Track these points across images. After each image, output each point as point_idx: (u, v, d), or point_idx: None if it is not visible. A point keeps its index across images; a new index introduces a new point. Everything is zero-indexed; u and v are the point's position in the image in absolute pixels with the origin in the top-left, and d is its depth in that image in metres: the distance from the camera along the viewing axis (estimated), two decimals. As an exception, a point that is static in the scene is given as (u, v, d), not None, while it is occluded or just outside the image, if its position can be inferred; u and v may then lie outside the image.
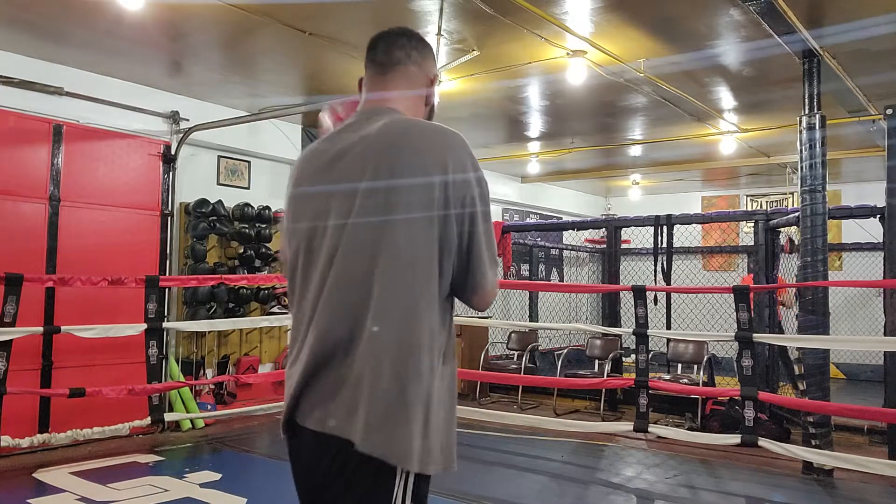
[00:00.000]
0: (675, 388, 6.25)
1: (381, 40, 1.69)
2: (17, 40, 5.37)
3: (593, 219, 11.07)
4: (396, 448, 1.39)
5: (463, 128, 8.26)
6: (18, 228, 5.43)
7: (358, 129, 1.57)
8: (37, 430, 5.20)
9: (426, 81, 1.69)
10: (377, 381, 1.40)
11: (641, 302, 5.78)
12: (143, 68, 5.97)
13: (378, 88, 1.66)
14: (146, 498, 4.21)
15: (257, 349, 7.33)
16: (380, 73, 1.67)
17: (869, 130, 7.06)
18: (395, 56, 1.65)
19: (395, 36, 1.68)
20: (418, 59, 1.67)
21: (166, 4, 4.61)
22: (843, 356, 9.79)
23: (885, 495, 4.66)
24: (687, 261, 9.40)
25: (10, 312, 4.76)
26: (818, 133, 4.97)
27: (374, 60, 1.68)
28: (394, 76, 1.65)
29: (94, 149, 5.91)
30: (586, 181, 11.49)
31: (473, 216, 1.49)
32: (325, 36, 5.18)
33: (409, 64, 1.65)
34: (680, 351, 7.20)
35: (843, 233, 10.29)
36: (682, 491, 4.73)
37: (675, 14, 4.75)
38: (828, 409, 4.94)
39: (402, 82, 1.65)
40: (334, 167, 1.55)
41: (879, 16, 4.62)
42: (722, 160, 9.21)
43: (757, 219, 6.69)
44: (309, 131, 7.90)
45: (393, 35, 1.69)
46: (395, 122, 1.55)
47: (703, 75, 5.97)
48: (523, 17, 4.69)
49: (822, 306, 4.99)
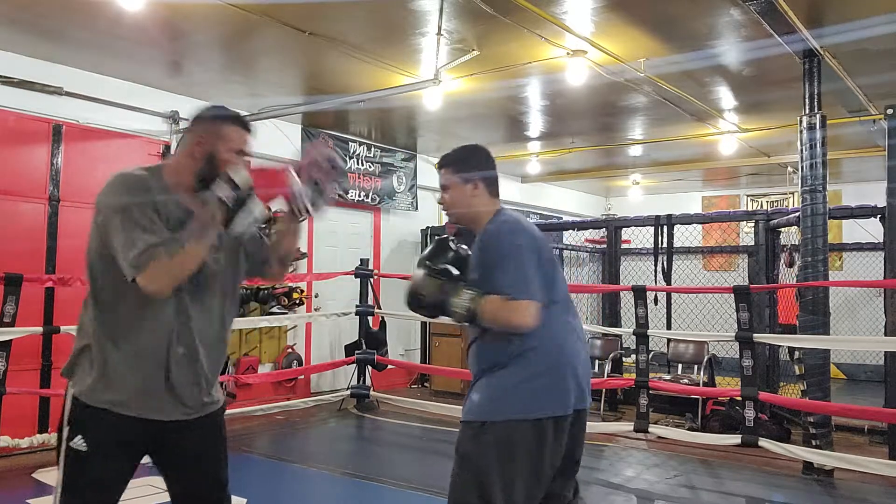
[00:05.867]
0: (676, 388, 6.25)
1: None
2: (17, 40, 5.36)
3: (593, 219, 11.06)
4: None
5: (463, 128, 8.29)
6: (18, 228, 5.43)
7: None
8: (37, 430, 5.19)
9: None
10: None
11: (642, 302, 5.78)
12: (143, 68, 5.96)
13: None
14: (146, 498, 4.20)
15: (257, 349, 7.32)
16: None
17: (869, 130, 7.05)
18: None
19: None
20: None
21: (166, 4, 4.61)
22: (843, 356, 9.78)
23: (885, 495, 4.66)
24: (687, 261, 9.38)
25: (10, 312, 4.76)
26: (818, 133, 4.97)
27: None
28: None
29: (93, 149, 5.90)
30: (586, 181, 11.49)
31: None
32: (325, 36, 5.17)
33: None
34: (680, 351, 7.19)
35: (843, 233, 10.28)
36: (682, 491, 4.73)
37: (675, 14, 4.75)
38: (828, 409, 4.93)
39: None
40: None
41: (879, 15, 4.61)
42: (722, 160, 9.20)
43: (757, 219, 6.68)
44: (309, 131, 7.90)
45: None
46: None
47: (704, 75, 5.97)
48: (523, 16, 4.69)
49: (822, 306, 4.98)
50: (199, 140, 2.04)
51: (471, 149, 2.54)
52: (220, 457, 2.15)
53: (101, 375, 1.95)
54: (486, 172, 2.44)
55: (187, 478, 2.11)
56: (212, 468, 2.13)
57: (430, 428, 6.39)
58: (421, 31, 5.07)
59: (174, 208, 1.98)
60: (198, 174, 2.00)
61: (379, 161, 8.83)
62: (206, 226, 1.90)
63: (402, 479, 4.80)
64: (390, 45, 5.40)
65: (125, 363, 1.95)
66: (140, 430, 1.97)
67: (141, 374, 1.96)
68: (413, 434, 6.40)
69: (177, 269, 1.88)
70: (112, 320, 1.96)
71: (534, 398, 2.15)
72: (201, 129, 2.06)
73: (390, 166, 8.99)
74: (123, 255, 1.87)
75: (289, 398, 7.19)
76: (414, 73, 5.92)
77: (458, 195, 2.42)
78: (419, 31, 5.09)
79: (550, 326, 2.21)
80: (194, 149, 2.03)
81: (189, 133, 2.08)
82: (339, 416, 7.00)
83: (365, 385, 7.27)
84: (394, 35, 5.20)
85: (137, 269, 1.84)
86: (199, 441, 2.09)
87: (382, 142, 8.81)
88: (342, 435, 6.54)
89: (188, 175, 2.02)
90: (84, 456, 1.92)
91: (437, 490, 2.06)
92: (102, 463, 1.94)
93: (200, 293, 2.04)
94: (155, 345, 1.97)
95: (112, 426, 1.94)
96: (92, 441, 1.93)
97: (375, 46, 5.42)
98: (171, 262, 1.86)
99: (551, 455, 2.18)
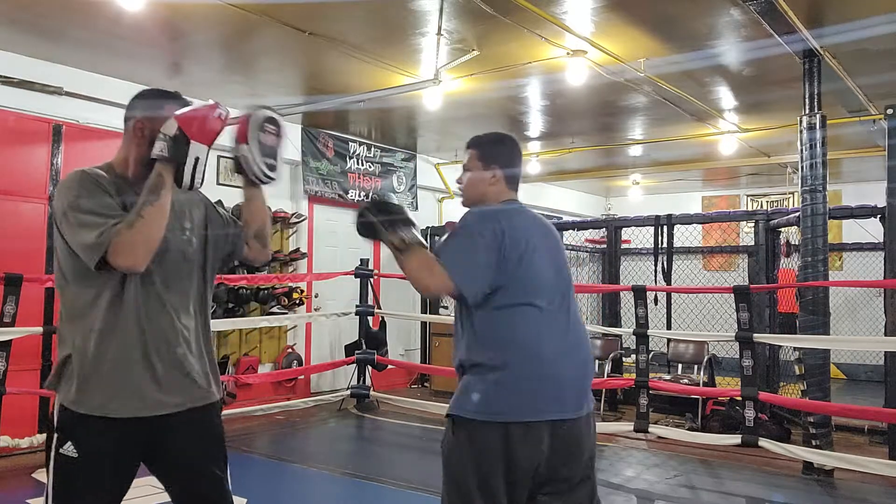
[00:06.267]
0: (676, 388, 6.25)
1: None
2: (17, 40, 5.36)
3: (593, 219, 11.05)
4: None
5: (463, 128, 8.28)
6: (18, 228, 5.42)
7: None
8: (37, 430, 5.19)
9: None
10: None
11: (642, 302, 5.78)
12: (143, 68, 5.95)
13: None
14: (146, 498, 4.19)
15: (257, 349, 7.33)
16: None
17: (869, 130, 7.05)
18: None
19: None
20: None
21: (166, 4, 4.60)
22: (843, 356, 9.78)
23: (885, 495, 4.66)
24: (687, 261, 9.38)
25: (10, 312, 4.75)
26: (818, 133, 4.97)
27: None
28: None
29: (93, 149, 5.89)
30: (586, 181, 11.49)
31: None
32: (325, 36, 5.17)
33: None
34: (680, 351, 7.19)
35: (843, 233, 10.28)
36: (682, 491, 4.73)
37: (675, 14, 4.75)
38: (828, 409, 4.93)
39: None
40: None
41: (879, 15, 4.61)
42: (722, 160, 9.20)
43: (757, 219, 6.68)
44: (309, 131, 7.91)
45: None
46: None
47: (704, 75, 5.97)
48: (523, 16, 4.69)
49: (822, 306, 4.99)
50: (137, 126, 1.99)
51: (502, 137, 2.44)
52: (217, 453, 2.11)
53: (83, 381, 1.92)
54: (510, 164, 2.35)
55: (185, 477, 2.08)
56: (208, 464, 2.08)
57: (430, 428, 6.38)
58: (421, 31, 5.07)
59: (130, 196, 1.94)
60: (143, 160, 1.96)
61: (379, 161, 8.83)
62: (157, 186, 1.87)
63: (402, 479, 4.80)
64: (390, 45, 5.40)
65: (106, 365, 1.92)
66: (131, 431, 1.94)
67: (122, 374, 1.93)
68: (413, 434, 6.40)
69: (142, 237, 1.84)
70: (85, 325, 1.93)
71: (498, 400, 2.06)
72: (138, 115, 2.01)
73: (390, 166, 8.99)
74: (83, 241, 1.84)
75: (289, 398, 7.19)
76: (414, 73, 5.92)
77: (475, 179, 2.34)
78: (419, 31, 5.09)
79: (527, 329, 2.11)
80: (136, 134, 1.99)
81: (127, 122, 2.03)
82: (339, 416, 7.00)
83: (365, 385, 7.27)
84: (394, 35, 5.20)
85: (101, 248, 1.81)
86: (194, 437, 2.05)
87: (382, 142, 8.81)
88: (342, 435, 6.54)
89: (136, 163, 1.99)
90: (74, 462, 1.90)
91: (437, 490, 2.06)
92: (93, 469, 1.92)
93: (174, 280, 2.01)
94: (133, 341, 1.94)
95: (100, 432, 1.91)
96: (82, 447, 1.91)
97: (375, 46, 5.43)
98: (133, 231, 1.82)
99: (525, 461, 2.06)
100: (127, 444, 1.96)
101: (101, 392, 1.92)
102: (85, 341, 1.93)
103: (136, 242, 1.83)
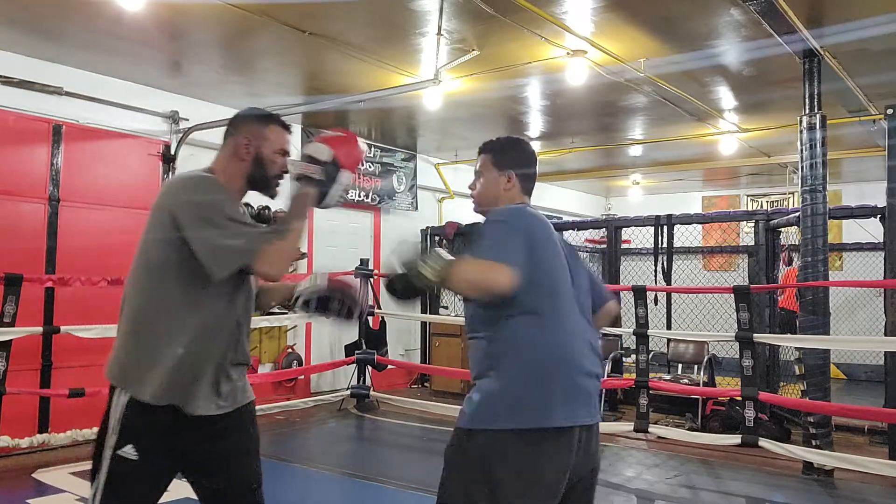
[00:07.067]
0: (676, 388, 6.25)
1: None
2: (17, 40, 5.36)
3: (593, 219, 11.06)
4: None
5: (463, 128, 8.27)
6: (18, 228, 5.42)
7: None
8: (36, 430, 5.19)
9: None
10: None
11: (642, 302, 5.78)
12: (143, 68, 5.96)
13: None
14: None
15: (257, 349, 7.32)
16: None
17: (869, 130, 7.05)
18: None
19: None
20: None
21: (166, 4, 4.61)
22: (843, 356, 9.78)
23: (885, 495, 4.66)
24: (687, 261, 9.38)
25: (10, 312, 4.76)
26: (818, 133, 4.96)
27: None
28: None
29: (93, 149, 5.90)
30: (586, 181, 11.49)
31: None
32: (325, 36, 5.17)
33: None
34: (680, 351, 7.19)
35: (843, 233, 10.28)
36: (682, 491, 4.73)
37: (675, 14, 4.75)
38: (828, 409, 4.93)
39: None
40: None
41: (879, 15, 4.62)
42: (722, 160, 9.20)
43: (757, 219, 6.68)
44: (309, 131, 7.90)
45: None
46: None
47: (704, 75, 5.97)
48: (523, 16, 4.69)
49: (822, 306, 4.98)
50: (244, 142, 2.07)
51: (516, 141, 2.41)
52: (253, 454, 2.17)
53: (165, 376, 1.94)
54: (525, 168, 2.31)
55: (222, 478, 2.09)
56: (245, 466, 2.14)
57: (430, 428, 6.38)
58: (421, 31, 5.07)
59: (237, 207, 2.05)
60: (248, 176, 2.07)
61: (379, 161, 8.83)
62: (305, 206, 1.99)
63: (402, 479, 4.80)
64: (390, 45, 5.40)
65: (192, 363, 1.97)
66: (190, 428, 1.98)
67: (203, 373, 1.99)
68: (413, 434, 6.40)
69: (289, 250, 1.95)
70: (177, 324, 1.97)
71: (519, 406, 1.94)
72: (245, 131, 2.09)
73: (390, 166, 8.99)
74: (229, 245, 1.89)
75: (289, 398, 7.19)
76: (414, 73, 5.92)
77: (489, 184, 2.28)
78: (419, 31, 5.09)
79: (543, 330, 2.00)
80: (241, 151, 2.07)
81: (232, 136, 2.11)
82: (339, 416, 7.00)
83: (365, 385, 7.27)
84: (394, 35, 5.20)
85: (250, 255, 1.89)
86: (234, 439, 2.09)
87: (382, 142, 8.81)
88: (342, 435, 6.53)
89: (238, 178, 2.08)
90: (132, 464, 1.92)
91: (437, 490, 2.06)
92: (149, 472, 1.95)
93: (243, 289, 2.09)
94: (218, 342, 2.02)
95: (167, 429, 1.94)
96: (143, 449, 1.92)
97: (375, 46, 5.42)
98: (285, 242, 1.93)
99: (557, 468, 1.95)
100: (183, 445, 2.00)
101: (181, 389, 1.96)
102: (172, 339, 1.96)
103: (284, 253, 1.94)
